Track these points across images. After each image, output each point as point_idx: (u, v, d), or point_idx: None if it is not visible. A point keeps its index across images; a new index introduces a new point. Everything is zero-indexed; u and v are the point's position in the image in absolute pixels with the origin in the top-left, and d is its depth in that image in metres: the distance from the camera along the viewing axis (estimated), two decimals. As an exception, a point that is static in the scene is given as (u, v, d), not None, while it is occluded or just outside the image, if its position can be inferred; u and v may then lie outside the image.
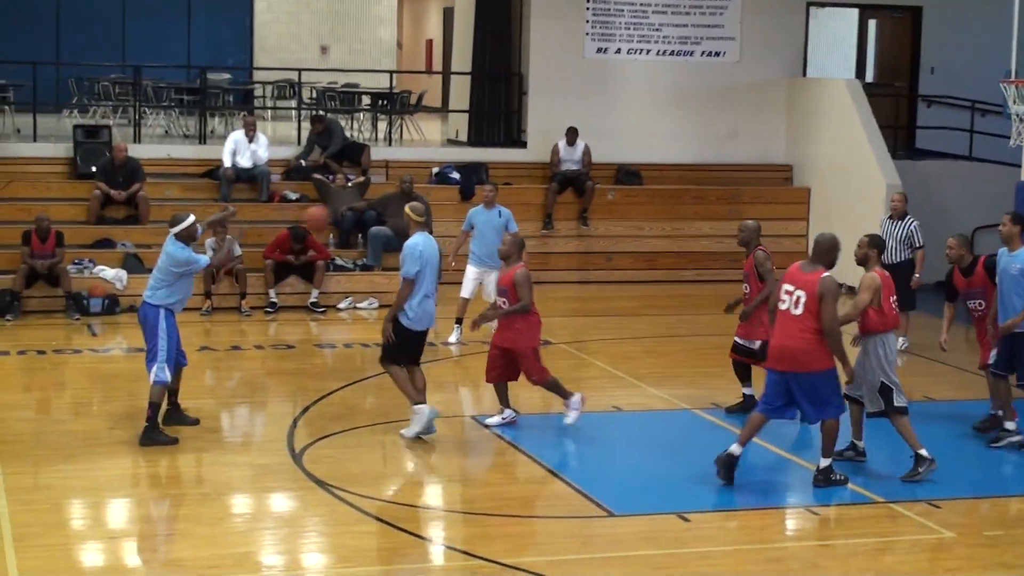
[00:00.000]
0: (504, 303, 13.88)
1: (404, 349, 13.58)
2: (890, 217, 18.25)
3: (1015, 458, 13.67)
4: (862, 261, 12.93)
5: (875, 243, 13.03)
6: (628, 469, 13.04)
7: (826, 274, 12.21)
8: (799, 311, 12.12)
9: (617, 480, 12.64)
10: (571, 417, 14.02)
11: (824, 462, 12.42)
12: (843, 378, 12.51)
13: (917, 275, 17.89)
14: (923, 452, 12.68)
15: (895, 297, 12.75)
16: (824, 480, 12.39)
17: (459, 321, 18.19)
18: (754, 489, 12.47)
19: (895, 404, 12.69)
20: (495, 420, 14.12)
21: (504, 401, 14.17)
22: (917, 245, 17.88)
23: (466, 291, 18.25)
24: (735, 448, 12.35)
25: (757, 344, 14.35)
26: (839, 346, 12.18)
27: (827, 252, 12.38)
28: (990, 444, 13.75)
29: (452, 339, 18.14)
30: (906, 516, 11.78)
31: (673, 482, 12.67)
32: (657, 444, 13.99)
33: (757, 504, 12.17)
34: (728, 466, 12.32)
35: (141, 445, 13.00)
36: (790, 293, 12.22)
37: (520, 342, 13.88)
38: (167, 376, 13.23)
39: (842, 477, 12.44)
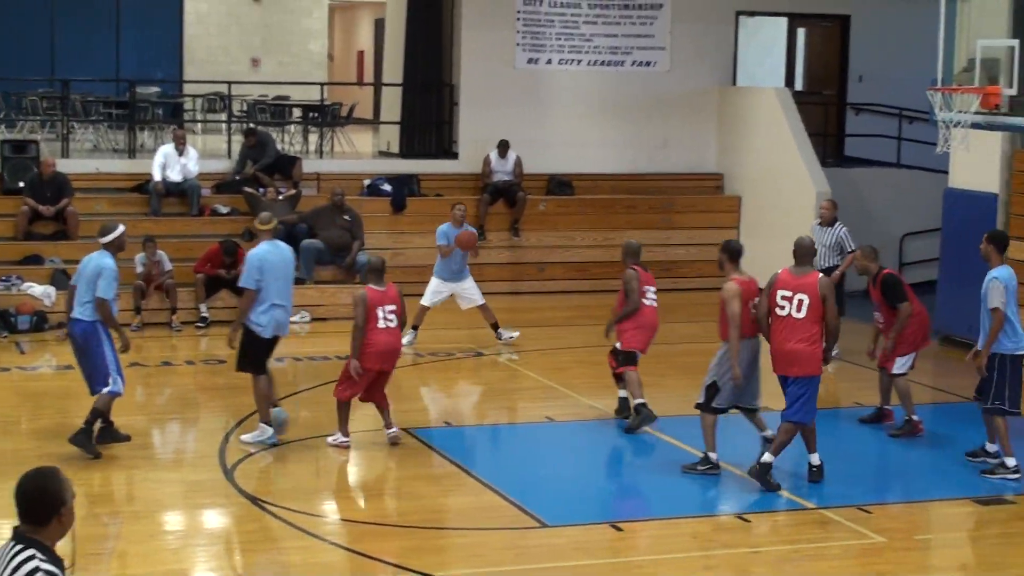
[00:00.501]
0: None
1: (254, 356, 13.73)
2: (819, 224, 18.38)
3: (943, 463, 13.79)
4: (720, 267, 13.07)
5: (727, 248, 13.14)
6: (561, 480, 13.05)
7: (820, 274, 12.63)
8: (803, 314, 12.34)
9: (550, 491, 12.65)
10: None
11: (769, 458, 12.58)
12: None
13: (838, 272, 17.90)
14: (712, 455, 12.90)
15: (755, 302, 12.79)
16: (762, 474, 12.52)
17: (415, 327, 18.49)
18: (687, 497, 12.52)
19: (712, 404, 12.92)
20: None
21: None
22: (848, 250, 17.97)
23: (427, 300, 18.60)
24: (767, 457, 12.56)
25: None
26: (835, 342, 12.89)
27: (811, 253, 12.74)
28: (981, 473, 13.28)
29: (405, 340, 18.25)
30: (837, 522, 11.84)
31: (606, 492, 12.70)
32: (590, 454, 14.01)
33: (690, 512, 12.20)
34: (762, 475, 12.52)
35: (70, 441, 12.94)
36: (788, 299, 12.41)
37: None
38: (121, 388, 13.18)
39: (775, 484, 12.51)
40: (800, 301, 12.33)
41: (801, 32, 27.57)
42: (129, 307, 18.96)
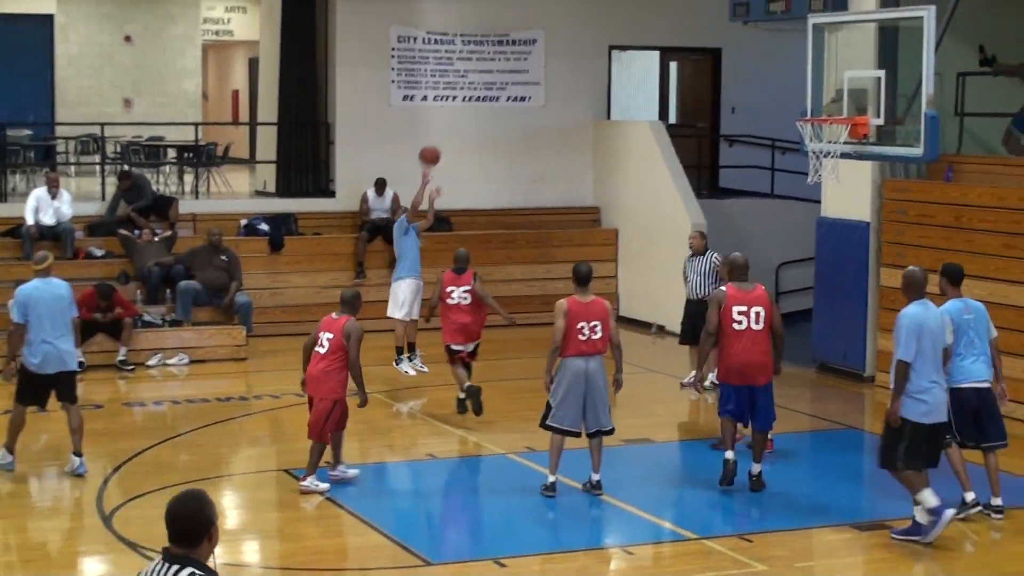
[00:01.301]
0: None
1: (29, 390, 14.03)
2: (692, 255, 18.52)
3: (823, 490, 13.94)
4: None
5: (573, 271, 13.51)
6: (444, 517, 13.04)
7: (762, 285, 13.43)
8: (760, 326, 13.19)
9: (434, 528, 12.63)
10: None
11: (758, 467, 13.46)
12: None
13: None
14: (550, 478, 13.27)
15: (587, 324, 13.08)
16: (760, 485, 13.40)
17: (412, 347, 18.62)
18: (571, 531, 12.55)
19: (545, 422, 13.25)
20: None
21: None
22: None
23: (404, 311, 18.48)
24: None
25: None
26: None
27: (747, 267, 13.39)
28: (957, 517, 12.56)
29: (410, 369, 18.54)
30: (719, 552, 11.92)
31: (489, 528, 12.69)
32: (473, 490, 14.01)
33: (574, 546, 12.22)
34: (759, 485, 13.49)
35: None
36: (745, 313, 13.17)
37: None
38: None
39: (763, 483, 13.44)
40: (757, 313, 13.17)
41: (673, 65, 27.85)
42: (2, 352, 18.65)
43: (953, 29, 18.95)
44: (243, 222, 23.20)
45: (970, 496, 12.76)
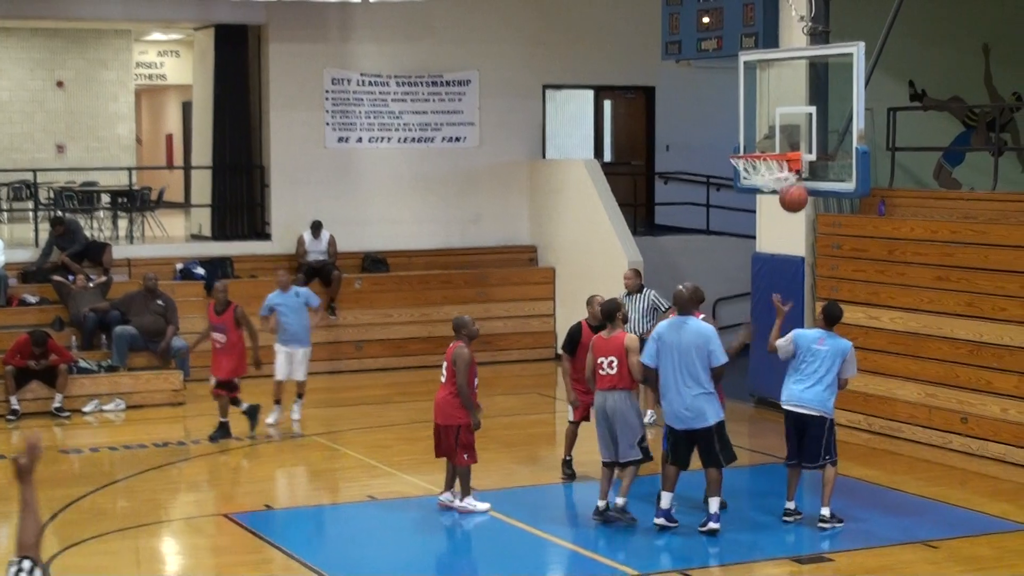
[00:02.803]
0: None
1: None
2: (627, 294, 18.47)
3: (762, 523, 13.97)
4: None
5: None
6: (384, 559, 12.95)
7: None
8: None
9: (373, 571, 12.56)
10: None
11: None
12: None
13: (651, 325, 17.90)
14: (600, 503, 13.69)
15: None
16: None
17: (278, 402, 18.68)
18: (511, 571, 12.52)
19: None
20: None
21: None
22: (663, 309, 17.97)
23: (281, 373, 18.60)
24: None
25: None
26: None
27: (689, 300, 13.63)
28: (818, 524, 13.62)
29: (270, 420, 18.59)
30: (661, 588, 11.93)
31: (432, 570, 12.63)
32: (413, 531, 13.94)
33: (515, 585, 12.23)
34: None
35: None
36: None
37: None
38: None
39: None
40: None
41: (608, 104, 27.98)
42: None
43: (883, 65, 19.14)
44: (179, 266, 23.10)
45: (790, 505, 13.80)
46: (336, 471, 16.71)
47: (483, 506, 14.02)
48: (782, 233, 19.71)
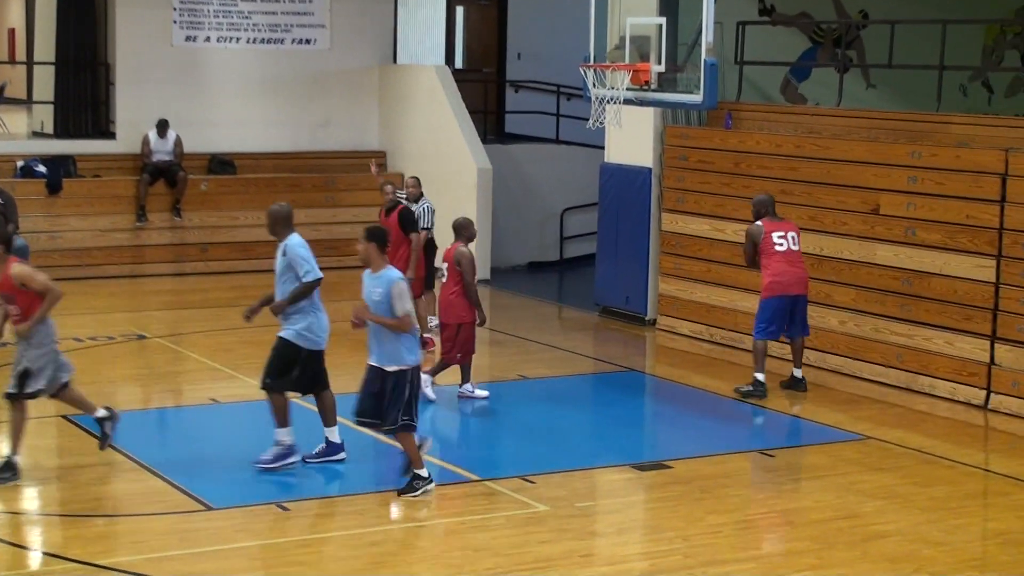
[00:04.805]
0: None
1: None
2: (408, 201, 17.96)
3: (605, 430, 14.14)
4: None
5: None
6: (226, 461, 12.90)
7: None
8: (797, 247, 15.47)
9: (215, 473, 12.52)
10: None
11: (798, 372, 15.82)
12: None
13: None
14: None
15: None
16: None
17: None
18: (353, 476, 12.55)
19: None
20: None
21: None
22: (423, 227, 17.61)
23: None
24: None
25: None
26: None
27: (772, 203, 15.72)
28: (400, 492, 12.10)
29: None
30: (502, 492, 12.03)
31: (272, 472, 12.61)
32: (256, 435, 13.87)
33: (356, 490, 12.23)
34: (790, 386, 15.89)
35: None
36: (784, 236, 15.37)
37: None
38: None
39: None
40: (792, 237, 15.45)
41: (460, 10, 27.83)
42: None
43: (733, -22, 19.25)
44: (19, 163, 22.64)
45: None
46: (179, 374, 16.59)
47: (482, 393, 15.03)
48: (630, 144, 19.81)
